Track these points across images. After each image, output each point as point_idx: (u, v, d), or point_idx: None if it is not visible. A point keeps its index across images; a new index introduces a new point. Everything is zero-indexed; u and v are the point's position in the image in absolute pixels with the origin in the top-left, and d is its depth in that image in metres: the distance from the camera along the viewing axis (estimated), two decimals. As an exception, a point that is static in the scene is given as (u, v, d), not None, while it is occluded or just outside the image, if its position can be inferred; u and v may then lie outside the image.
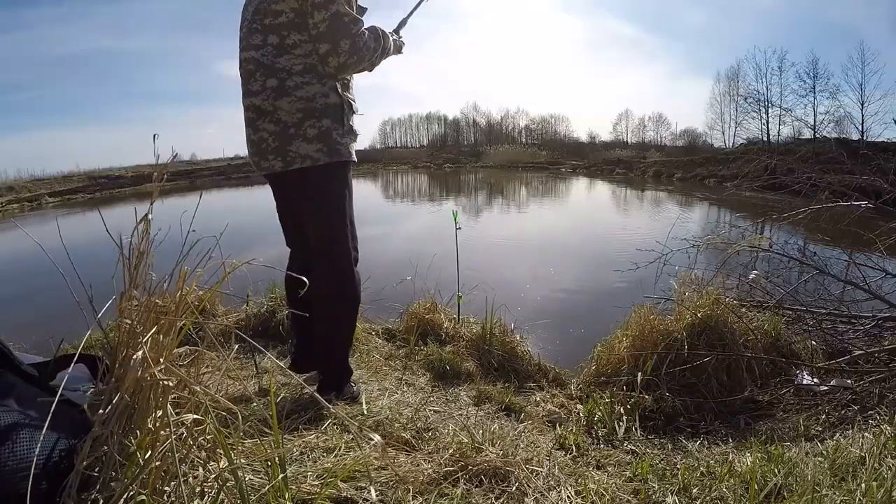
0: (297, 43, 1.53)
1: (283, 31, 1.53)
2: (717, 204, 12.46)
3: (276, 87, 1.53)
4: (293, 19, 1.52)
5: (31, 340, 1.79)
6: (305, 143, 1.55)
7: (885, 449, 1.36)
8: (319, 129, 1.55)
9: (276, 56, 1.54)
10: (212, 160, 30.35)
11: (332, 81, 1.57)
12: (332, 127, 1.57)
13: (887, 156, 3.41)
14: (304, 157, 1.56)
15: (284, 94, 1.53)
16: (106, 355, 0.97)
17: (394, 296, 3.18)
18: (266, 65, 1.54)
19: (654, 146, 31.38)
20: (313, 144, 1.55)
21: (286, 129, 1.55)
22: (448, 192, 18.83)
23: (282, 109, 1.54)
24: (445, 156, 34.93)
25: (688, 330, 2.34)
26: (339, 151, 1.60)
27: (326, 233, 1.65)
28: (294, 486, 0.97)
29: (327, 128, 1.56)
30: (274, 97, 1.54)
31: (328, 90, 1.56)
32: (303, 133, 1.55)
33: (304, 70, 1.53)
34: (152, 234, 0.96)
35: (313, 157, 1.56)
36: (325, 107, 1.56)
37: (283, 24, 1.52)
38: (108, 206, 15.45)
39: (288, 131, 1.55)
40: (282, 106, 1.54)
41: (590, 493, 1.24)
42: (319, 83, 1.55)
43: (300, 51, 1.54)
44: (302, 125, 1.54)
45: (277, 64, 1.54)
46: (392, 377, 2.21)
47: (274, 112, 1.55)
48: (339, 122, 1.59)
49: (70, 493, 0.76)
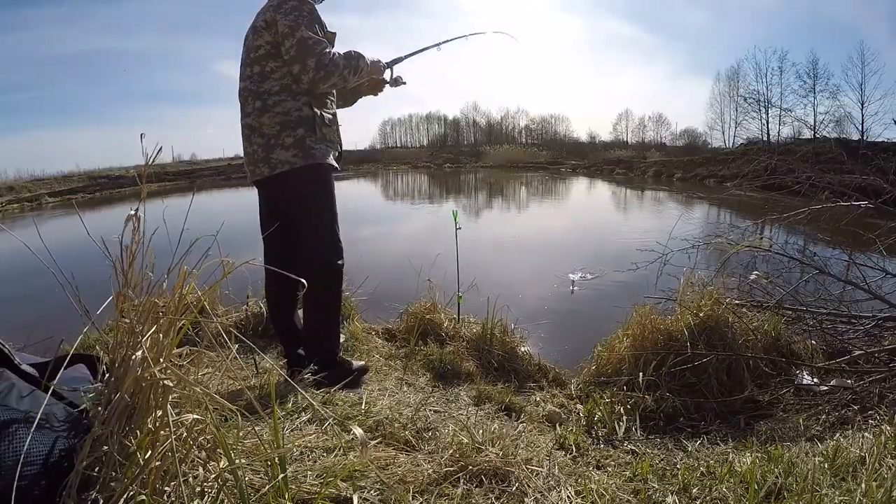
0: (274, 69, 1.84)
1: (263, 61, 1.84)
2: (717, 204, 12.47)
3: (260, 107, 1.84)
4: (269, 51, 1.83)
5: (30, 340, 1.79)
6: (284, 150, 1.83)
7: (885, 449, 1.36)
8: (295, 137, 1.83)
9: (259, 82, 1.85)
10: (212, 160, 30.32)
11: (304, 97, 1.86)
12: (306, 135, 1.85)
13: (887, 156, 3.41)
14: (284, 162, 1.83)
15: (266, 111, 1.84)
16: (105, 355, 0.97)
17: (394, 296, 3.18)
18: (253, 90, 1.86)
19: (654, 146, 31.31)
20: (290, 151, 1.83)
21: (269, 140, 1.84)
22: (448, 192, 18.83)
23: (265, 124, 1.84)
24: (445, 156, 34.91)
25: (688, 330, 2.34)
26: (314, 155, 1.85)
27: (314, 222, 1.88)
28: (294, 485, 0.97)
29: (301, 136, 1.84)
30: (258, 115, 1.85)
31: (301, 105, 1.85)
32: (281, 142, 1.83)
33: (281, 90, 1.84)
34: (150, 234, 0.96)
35: (291, 162, 1.83)
36: (299, 119, 1.84)
37: (262, 55, 1.84)
38: (108, 206, 15.45)
39: (270, 142, 1.84)
40: (265, 122, 1.84)
41: (590, 493, 1.24)
42: (293, 100, 1.84)
43: (277, 75, 1.84)
44: (280, 136, 1.83)
45: (261, 88, 1.85)
46: (392, 377, 2.20)
47: (260, 128, 1.85)
48: (312, 131, 1.86)
49: (70, 493, 0.76)
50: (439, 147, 38.65)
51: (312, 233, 1.88)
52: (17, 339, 1.72)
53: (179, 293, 0.93)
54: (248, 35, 1.89)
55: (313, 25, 1.81)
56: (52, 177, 21.80)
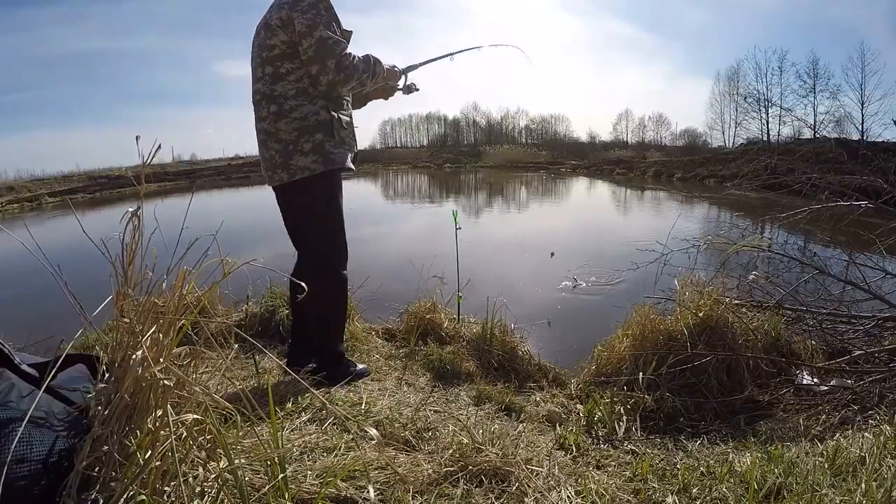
0: (290, 70, 1.77)
1: (277, 61, 1.77)
2: (717, 204, 12.46)
3: (276, 112, 1.79)
4: (285, 51, 1.76)
5: (30, 340, 1.79)
6: (303, 156, 1.79)
7: (885, 449, 1.36)
8: (314, 142, 1.79)
9: (272, 84, 1.79)
10: (212, 160, 30.29)
11: (321, 101, 1.80)
12: (325, 139, 1.80)
13: (887, 156, 3.40)
14: (304, 168, 1.79)
15: (283, 116, 1.78)
16: (105, 355, 0.97)
17: (394, 296, 3.18)
18: (267, 93, 1.80)
19: (654, 146, 31.29)
20: (309, 157, 1.79)
21: (287, 146, 1.79)
22: (448, 192, 18.83)
23: (282, 130, 1.79)
24: (445, 156, 34.87)
25: (688, 330, 2.34)
26: (333, 160, 1.82)
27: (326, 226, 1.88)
28: (294, 485, 0.97)
29: (320, 141, 1.79)
30: (274, 120, 1.79)
31: (318, 108, 1.80)
32: (300, 148, 1.79)
33: (297, 94, 1.78)
34: (150, 234, 0.96)
35: (311, 168, 1.79)
36: (317, 123, 1.80)
37: (277, 55, 1.77)
38: (108, 206, 15.44)
39: (288, 147, 1.79)
40: (281, 127, 1.79)
41: (590, 493, 1.24)
42: (311, 104, 1.79)
43: (293, 77, 1.78)
44: (299, 141, 1.79)
45: (275, 91, 1.78)
46: (392, 377, 2.20)
47: (276, 133, 1.80)
48: (330, 135, 1.81)
49: (70, 493, 0.76)
50: (439, 147, 38.61)
51: (323, 237, 1.87)
52: (17, 339, 1.72)
53: (179, 293, 0.93)
54: (260, 32, 1.81)
55: (331, 24, 1.75)
56: (52, 177, 21.78)
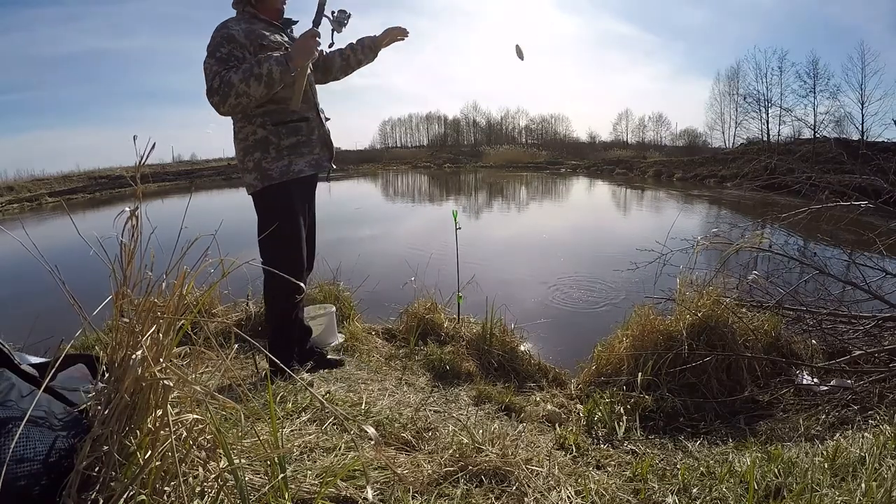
0: None
1: None
2: (717, 204, 12.46)
3: (234, 133, 1.95)
4: None
5: (30, 340, 1.79)
6: (248, 174, 1.93)
7: (885, 449, 1.36)
8: (254, 161, 1.90)
9: None
10: (212, 160, 30.29)
11: (259, 119, 1.89)
12: (262, 157, 1.90)
13: (887, 156, 3.40)
14: (249, 185, 1.94)
15: (235, 137, 1.94)
16: (105, 355, 0.96)
17: (394, 296, 3.18)
18: None
19: (654, 146, 31.28)
20: (252, 174, 1.91)
21: (238, 165, 1.98)
22: (448, 192, 18.82)
23: (236, 150, 1.96)
24: (445, 156, 34.84)
25: (688, 330, 2.34)
26: (270, 176, 1.90)
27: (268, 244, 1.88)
28: (294, 485, 0.97)
29: (258, 159, 1.90)
30: (234, 140, 1.96)
31: (256, 127, 1.90)
32: (245, 167, 1.93)
33: (242, 117, 1.90)
34: (150, 233, 0.96)
35: (253, 185, 1.93)
36: (255, 143, 1.90)
37: None
38: (108, 206, 15.43)
39: (239, 166, 1.97)
40: (235, 147, 1.96)
41: (590, 493, 1.24)
42: (250, 124, 1.90)
43: None
44: (244, 161, 1.93)
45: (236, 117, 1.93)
46: (392, 377, 2.20)
47: (236, 152, 1.97)
48: (266, 152, 1.90)
49: (70, 493, 0.76)
50: (439, 147, 38.58)
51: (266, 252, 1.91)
52: (17, 339, 1.72)
53: (179, 293, 0.93)
54: None
55: (219, 48, 1.75)
56: (52, 177, 21.76)
